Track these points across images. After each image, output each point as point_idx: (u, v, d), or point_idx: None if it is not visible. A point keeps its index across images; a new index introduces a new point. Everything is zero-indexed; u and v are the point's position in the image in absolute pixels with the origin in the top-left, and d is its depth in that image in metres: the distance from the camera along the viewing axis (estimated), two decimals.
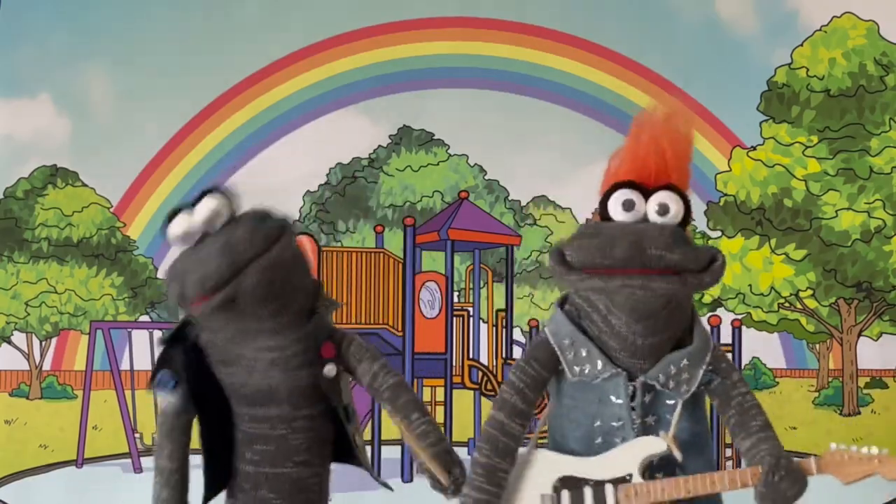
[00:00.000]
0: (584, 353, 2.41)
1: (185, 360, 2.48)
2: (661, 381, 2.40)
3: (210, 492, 2.56)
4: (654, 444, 2.40)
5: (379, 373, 2.57)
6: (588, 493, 2.39)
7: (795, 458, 2.39)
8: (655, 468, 2.43)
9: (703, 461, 2.48)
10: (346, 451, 2.62)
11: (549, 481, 2.43)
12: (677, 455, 2.38)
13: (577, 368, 2.43)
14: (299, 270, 2.50)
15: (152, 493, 2.60)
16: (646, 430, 2.45)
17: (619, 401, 2.42)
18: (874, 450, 2.39)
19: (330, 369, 2.52)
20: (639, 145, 2.44)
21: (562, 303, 2.52)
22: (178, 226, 2.42)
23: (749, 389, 2.53)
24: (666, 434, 2.39)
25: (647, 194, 2.39)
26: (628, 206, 2.37)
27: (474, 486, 2.44)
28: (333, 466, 2.65)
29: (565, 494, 2.41)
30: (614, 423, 2.44)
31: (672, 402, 2.44)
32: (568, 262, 2.37)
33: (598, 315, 2.39)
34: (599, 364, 2.40)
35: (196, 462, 2.59)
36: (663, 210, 2.37)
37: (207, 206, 2.41)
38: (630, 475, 2.38)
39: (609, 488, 2.38)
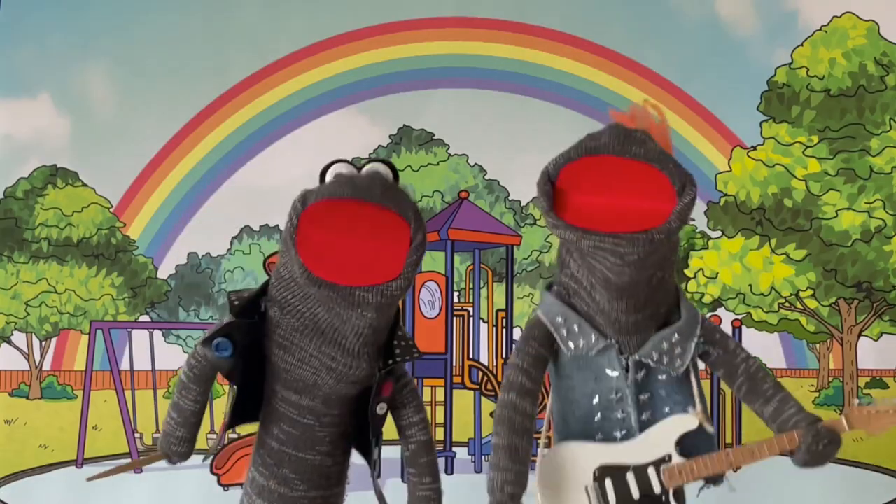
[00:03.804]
0: (576, 329, 2.52)
1: (248, 332, 2.48)
2: (655, 359, 2.48)
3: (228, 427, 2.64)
4: (688, 422, 2.46)
5: (416, 424, 2.64)
6: (631, 478, 2.44)
7: (827, 421, 2.49)
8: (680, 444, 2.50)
9: (702, 432, 2.54)
10: (364, 446, 2.65)
11: (589, 472, 2.48)
12: (710, 429, 2.46)
13: (571, 344, 2.52)
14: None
15: (164, 428, 2.63)
16: (639, 406, 2.52)
17: (615, 373, 2.51)
18: (895, 401, 2.50)
19: (382, 407, 2.56)
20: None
21: (549, 286, 2.66)
22: (341, 168, 2.48)
23: (749, 354, 2.62)
24: (695, 410, 2.47)
25: None
26: None
27: (497, 466, 2.47)
28: None
29: (608, 483, 2.45)
30: (612, 397, 2.52)
31: (663, 377, 2.51)
32: (549, 195, 2.41)
33: (584, 292, 2.50)
34: (592, 337, 2.50)
35: None
36: None
37: (376, 167, 2.47)
38: (669, 455, 2.44)
39: (651, 471, 2.44)
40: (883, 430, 2.52)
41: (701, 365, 2.66)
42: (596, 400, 2.54)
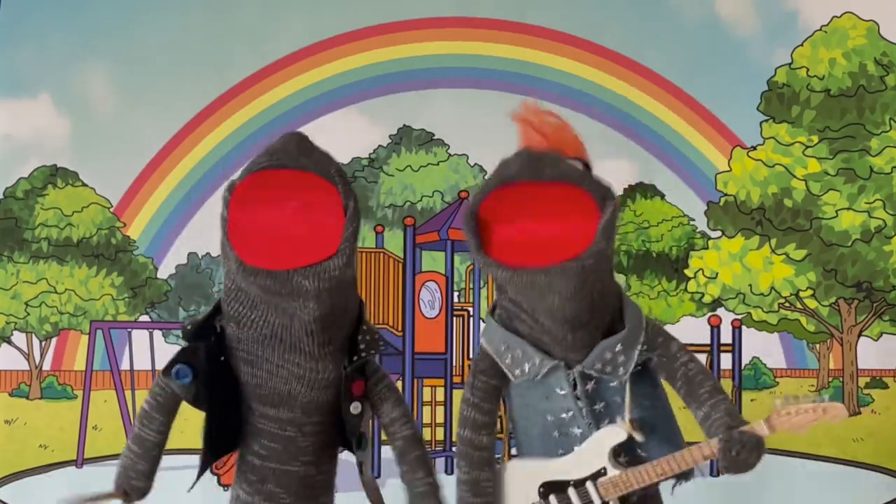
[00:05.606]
0: (520, 354, 2.50)
1: (206, 355, 2.45)
2: (598, 369, 2.47)
3: (202, 471, 2.53)
4: (616, 434, 2.48)
5: (398, 420, 2.61)
6: (573, 494, 2.48)
7: (747, 425, 2.43)
8: (618, 453, 2.52)
9: (660, 438, 2.55)
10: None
11: (534, 490, 2.52)
12: (638, 438, 2.47)
13: (517, 370, 2.51)
14: (354, 289, 2.50)
15: (122, 462, 2.56)
16: (596, 417, 2.52)
17: (564, 391, 2.50)
18: (817, 398, 2.45)
19: (356, 407, 2.53)
20: (531, 143, 2.59)
21: (492, 311, 2.62)
22: None
23: (691, 357, 2.58)
24: (623, 420, 2.48)
25: None
26: None
27: (463, 501, 2.55)
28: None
29: (553, 499, 2.50)
30: (564, 416, 2.52)
31: (615, 384, 2.50)
32: (476, 233, 2.45)
33: (526, 315, 2.47)
34: (537, 360, 2.48)
35: None
36: None
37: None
38: (604, 468, 2.47)
39: (590, 485, 2.47)
40: (805, 429, 2.46)
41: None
42: (551, 417, 2.55)
